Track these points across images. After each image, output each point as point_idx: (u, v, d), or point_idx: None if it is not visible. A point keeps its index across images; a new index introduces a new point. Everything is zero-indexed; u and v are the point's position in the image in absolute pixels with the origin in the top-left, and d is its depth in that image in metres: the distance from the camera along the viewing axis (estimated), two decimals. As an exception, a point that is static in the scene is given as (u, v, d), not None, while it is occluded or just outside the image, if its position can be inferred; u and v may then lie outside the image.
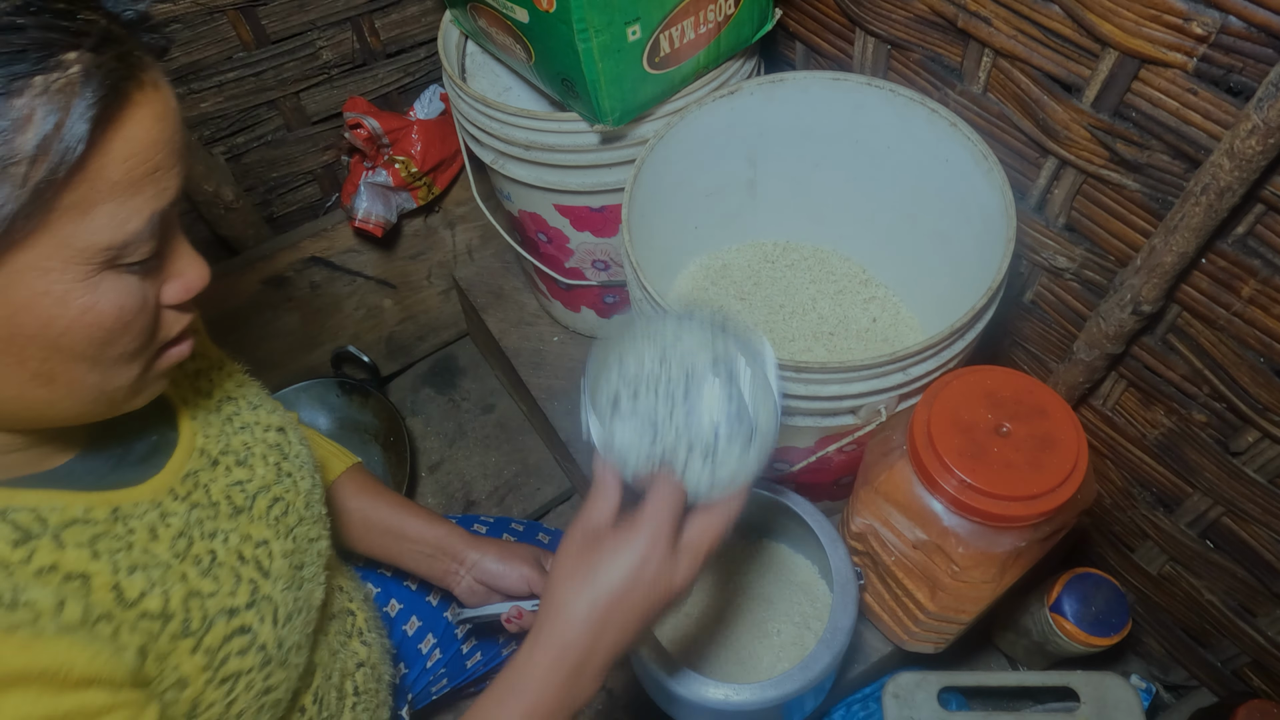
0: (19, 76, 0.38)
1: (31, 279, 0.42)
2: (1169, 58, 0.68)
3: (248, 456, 0.64)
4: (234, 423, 0.66)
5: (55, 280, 0.42)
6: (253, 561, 0.59)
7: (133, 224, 0.43)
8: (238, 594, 0.57)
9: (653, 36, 0.83)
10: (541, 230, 1.10)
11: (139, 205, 0.44)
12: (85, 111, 0.40)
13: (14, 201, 0.39)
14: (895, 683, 1.00)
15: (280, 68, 1.17)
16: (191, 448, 0.61)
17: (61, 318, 0.43)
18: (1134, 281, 0.80)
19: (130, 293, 0.46)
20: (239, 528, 0.60)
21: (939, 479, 0.73)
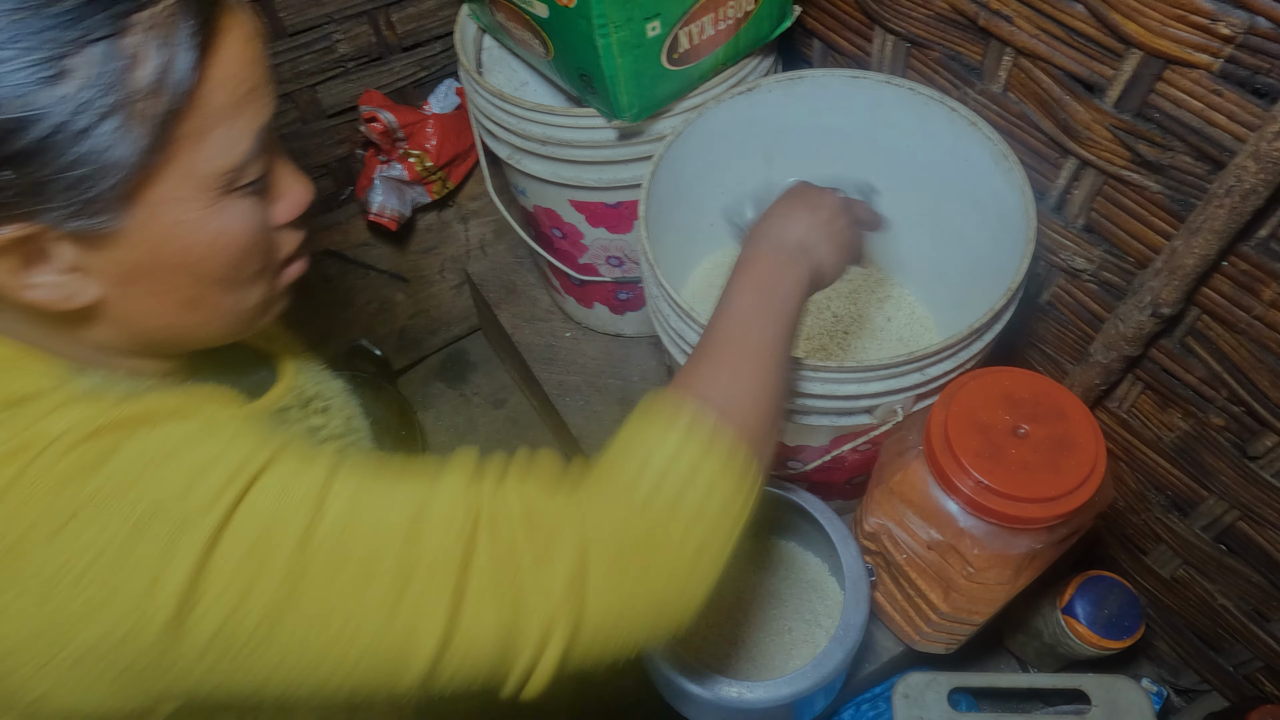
0: (123, 15, 0.40)
1: (167, 211, 0.45)
2: (1194, 58, 0.67)
3: (329, 405, 0.67)
4: (319, 375, 0.70)
5: (187, 209, 0.45)
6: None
7: (242, 144, 0.46)
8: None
9: (672, 32, 0.83)
10: (556, 226, 1.10)
11: (244, 125, 0.46)
12: (188, 41, 0.42)
13: (143, 138, 0.42)
14: (905, 683, 1.00)
15: (296, 60, 1.17)
16: (290, 385, 0.64)
17: (198, 244, 0.47)
18: (1154, 284, 0.79)
19: (252, 214, 0.49)
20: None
21: (955, 480, 0.73)
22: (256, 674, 0.44)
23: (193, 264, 0.47)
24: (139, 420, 0.45)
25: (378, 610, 0.45)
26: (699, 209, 1.03)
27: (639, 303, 1.23)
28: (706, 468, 0.52)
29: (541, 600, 0.47)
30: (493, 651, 0.47)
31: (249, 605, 0.43)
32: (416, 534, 0.46)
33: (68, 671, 0.42)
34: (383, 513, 0.47)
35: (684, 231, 1.02)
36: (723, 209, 0.79)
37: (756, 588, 0.99)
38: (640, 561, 0.50)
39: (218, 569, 0.42)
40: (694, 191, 0.99)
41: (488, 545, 0.47)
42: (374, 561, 0.45)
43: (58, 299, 0.45)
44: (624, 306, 1.24)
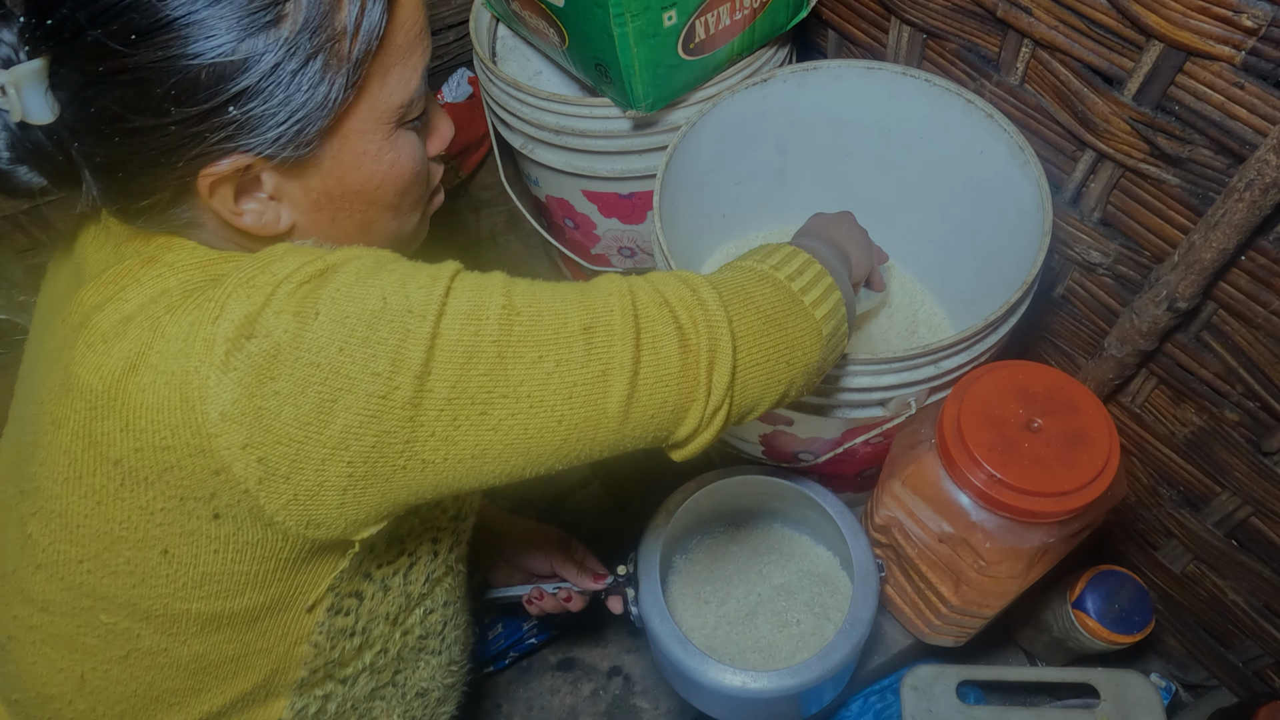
0: None
1: (354, 141, 0.51)
2: (1216, 50, 0.67)
3: None
4: None
5: (370, 140, 0.51)
6: None
7: (414, 81, 0.52)
8: None
9: (688, 22, 0.82)
10: (568, 216, 1.10)
11: (415, 64, 0.52)
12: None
13: (343, 75, 0.47)
14: (914, 675, 1.00)
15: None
16: None
17: (377, 172, 0.53)
18: (1170, 278, 0.79)
19: (416, 146, 0.55)
20: None
21: (968, 473, 0.73)
22: (484, 433, 0.48)
23: (371, 191, 0.53)
24: (355, 254, 0.50)
25: (578, 339, 0.49)
26: (712, 200, 1.03)
27: (650, 293, 1.23)
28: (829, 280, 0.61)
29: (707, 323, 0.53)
30: (676, 367, 0.52)
31: (477, 357, 0.47)
32: (589, 292, 0.52)
33: (319, 470, 0.46)
34: (555, 288, 0.53)
35: (697, 223, 1.02)
36: None
37: (766, 579, 0.99)
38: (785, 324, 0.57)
39: (448, 330, 0.47)
40: (707, 183, 0.99)
41: (648, 287, 0.53)
42: (564, 310, 0.50)
43: (260, 225, 0.51)
44: (635, 297, 1.24)
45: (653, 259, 1.14)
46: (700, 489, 0.93)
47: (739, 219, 1.08)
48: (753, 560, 1.01)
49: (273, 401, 0.45)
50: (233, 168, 0.48)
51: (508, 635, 1.03)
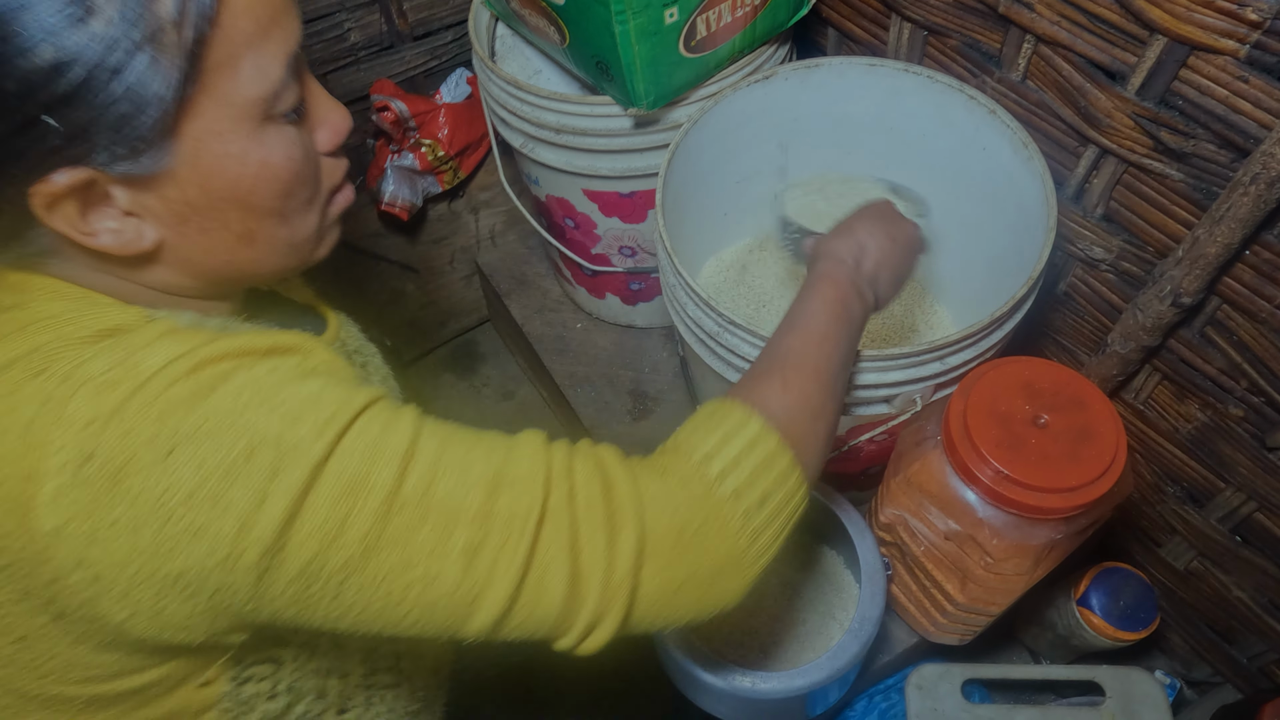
0: None
1: (211, 143, 0.45)
2: (1220, 44, 0.67)
3: (368, 362, 0.69)
4: (359, 334, 0.72)
5: (230, 141, 0.46)
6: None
7: (274, 69, 0.46)
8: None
9: (690, 19, 0.82)
10: (569, 216, 1.10)
11: (274, 51, 0.46)
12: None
13: (175, 69, 0.42)
14: (919, 674, 0.99)
15: (308, 49, 1.16)
16: (336, 336, 0.66)
17: (245, 175, 0.47)
18: (1174, 273, 0.79)
19: (293, 142, 0.50)
20: None
21: (975, 469, 0.73)
22: (334, 610, 0.46)
23: (243, 196, 0.48)
24: (239, 354, 0.46)
25: (458, 559, 0.46)
26: (714, 199, 1.02)
27: (651, 293, 1.22)
28: (771, 468, 0.54)
29: (607, 569, 0.49)
30: (556, 610, 0.48)
31: (339, 544, 0.44)
32: (497, 490, 0.47)
33: (158, 596, 0.43)
34: (466, 467, 0.48)
35: (698, 221, 1.02)
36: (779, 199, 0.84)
37: (772, 579, 0.99)
38: (701, 541, 0.51)
39: (314, 506, 0.43)
40: (709, 181, 0.98)
41: (563, 508, 0.49)
42: (457, 513, 0.46)
43: (120, 244, 0.46)
44: (636, 297, 1.23)
45: (653, 258, 1.14)
46: None
47: (740, 217, 1.08)
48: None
49: (108, 531, 0.42)
50: (67, 184, 0.43)
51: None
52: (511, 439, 0.51)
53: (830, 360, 0.60)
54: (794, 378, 0.58)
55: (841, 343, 0.61)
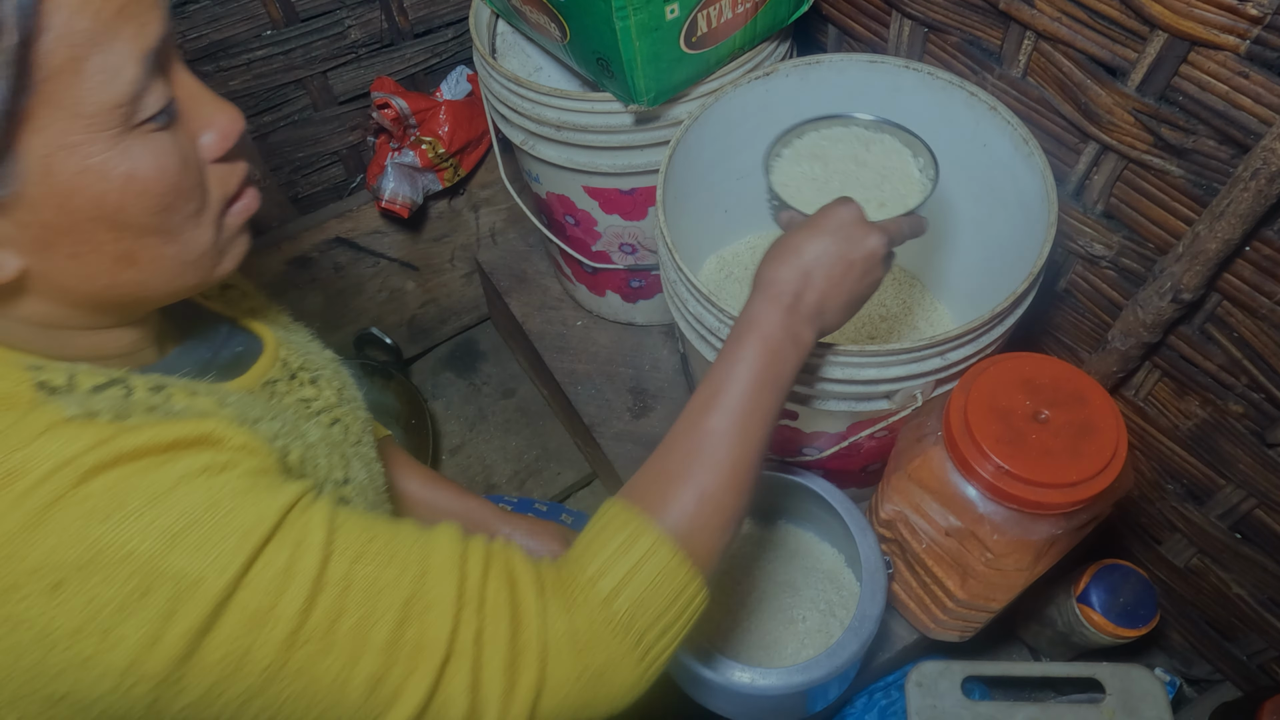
0: None
1: (64, 158, 0.41)
2: (1221, 40, 0.67)
3: (318, 376, 0.65)
4: (305, 347, 0.67)
5: (86, 154, 0.41)
6: (338, 451, 0.61)
7: (127, 70, 0.41)
8: (334, 470, 0.59)
9: (691, 15, 0.82)
10: (569, 213, 1.10)
11: (125, 49, 0.41)
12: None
13: (4, 79, 0.37)
14: (919, 671, 0.99)
15: (309, 46, 1.17)
16: (275, 357, 0.62)
17: (109, 191, 0.42)
18: (1175, 269, 0.79)
19: (165, 151, 0.44)
20: (315, 429, 0.61)
21: (975, 465, 0.73)
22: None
23: (111, 215, 0.43)
24: (136, 455, 0.42)
25: (362, 686, 0.45)
26: (714, 196, 1.02)
27: (651, 291, 1.22)
28: (658, 587, 0.53)
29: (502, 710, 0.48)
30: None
31: (239, 675, 0.42)
32: (405, 620, 0.46)
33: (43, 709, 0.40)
34: (377, 592, 0.46)
35: (698, 218, 1.02)
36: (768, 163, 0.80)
37: (771, 575, 0.99)
38: (596, 666, 0.51)
39: (213, 643, 0.41)
40: (709, 178, 0.98)
41: (469, 648, 0.48)
42: (364, 640, 0.45)
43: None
44: (636, 295, 1.23)
45: (654, 255, 1.14)
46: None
47: (740, 214, 1.08)
48: (757, 556, 1.00)
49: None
50: None
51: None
52: (426, 547, 0.49)
53: (751, 444, 0.57)
54: (706, 479, 0.55)
55: (769, 411, 0.58)
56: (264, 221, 1.29)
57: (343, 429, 0.65)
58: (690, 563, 0.54)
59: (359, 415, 0.69)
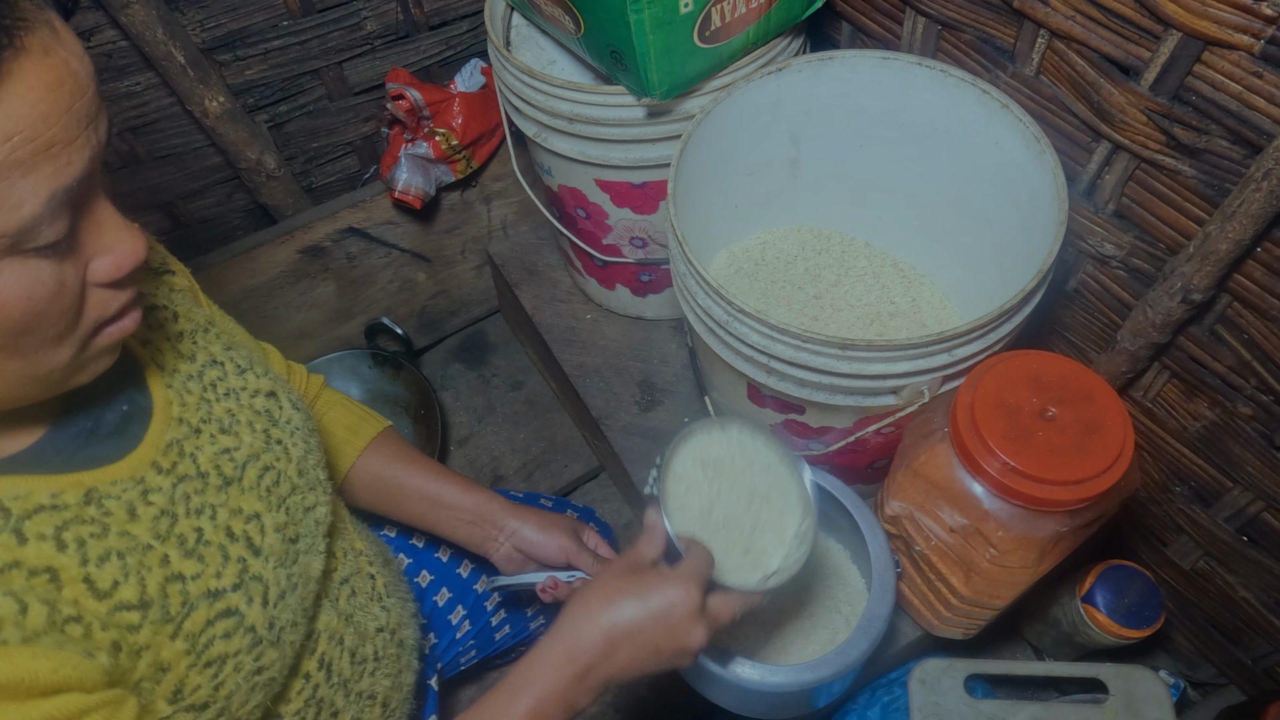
0: None
1: None
2: (1235, 39, 0.67)
3: (232, 424, 0.61)
4: (218, 389, 0.62)
5: None
6: (243, 539, 0.57)
7: (27, 208, 0.38)
8: (224, 575, 0.55)
9: (704, 10, 0.83)
10: (580, 206, 1.10)
11: (33, 186, 0.38)
12: None
13: None
14: (922, 669, 1.00)
15: (325, 37, 1.17)
16: (168, 416, 0.57)
17: None
18: (1185, 269, 0.79)
19: (39, 279, 0.41)
20: (229, 500, 0.57)
21: (982, 461, 0.73)
22: None
23: None
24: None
25: None
26: (724, 190, 1.03)
27: (661, 285, 1.23)
28: None
29: None
30: None
31: None
32: None
33: None
34: None
35: (709, 213, 1.02)
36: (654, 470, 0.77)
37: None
38: None
39: None
40: (720, 172, 0.99)
41: None
42: None
43: None
44: (646, 289, 1.24)
45: (664, 249, 1.14)
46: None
47: (750, 210, 1.08)
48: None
49: None
50: None
51: (514, 633, 1.02)
52: None
53: None
54: None
55: None
56: (278, 210, 1.30)
57: (273, 478, 0.62)
58: None
59: (293, 454, 0.64)
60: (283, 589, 0.59)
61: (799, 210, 1.11)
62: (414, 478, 0.84)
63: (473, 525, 0.84)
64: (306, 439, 0.68)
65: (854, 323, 1.04)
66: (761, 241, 1.13)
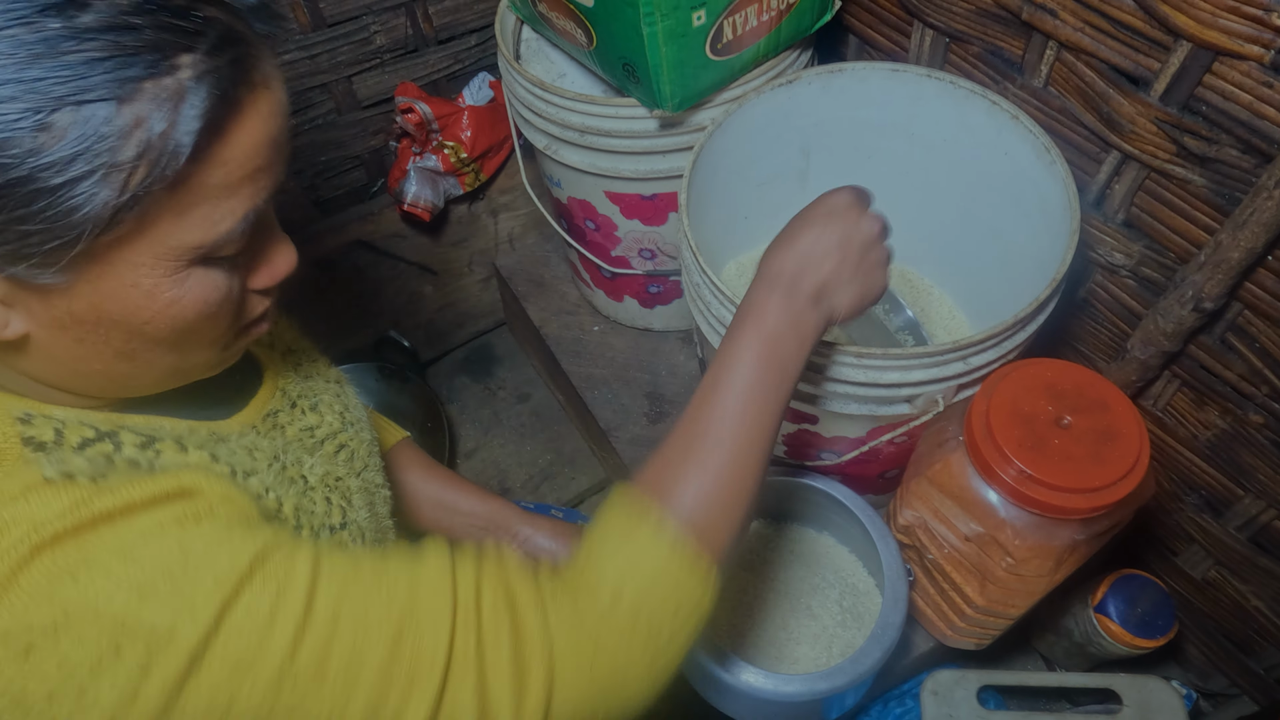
0: (130, 81, 0.37)
1: (122, 271, 0.41)
2: (1245, 50, 0.67)
3: (317, 403, 0.65)
4: (300, 370, 0.67)
5: (145, 274, 0.42)
6: (338, 489, 0.61)
7: (225, 224, 0.43)
8: (332, 514, 0.58)
9: (716, 22, 0.83)
10: (590, 218, 1.11)
11: (235, 205, 0.43)
12: (192, 122, 0.39)
13: (112, 205, 0.38)
14: (934, 680, 0.99)
15: (334, 51, 1.18)
16: (275, 387, 0.62)
17: (147, 308, 0.43)
18: (1196, 278, 0.79)
19: (217, 285, 0.46)
20: (317, 468, 0.61)
21: (998, 469, 0.73)
22: None
23: (136, 325, 0.44)
24: (110, 515, 0.41)
25: (359, 716, 0.44)
26: (734, 202, 1.03)
27: (669, 296, 1.23)
28: (667, 579, 0.51)
29: (519, 704, 0.47)
30: None
31: (231, 715, 0.41)
32: (400, 637, 0.45)
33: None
34: (366, 614, 0.45)
35: (719, 223, 1.03)
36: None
37: (789, 579, 0.99)
38: (606, 667, 0.50)
39: (198, 688, 0.40)
40: (731, 184, 0.99)
41: (470, 653, 0.47)
42: (358, 668, 0.44)
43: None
44: (654, 300, 1.24)
45: (673, 260, 1.14)
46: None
47: (760, 221, 1.09)
48: (774, 560, 1.01)
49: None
50: None
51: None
52: (414, 571, 0.48)
53: (757, 427, 0.56)
54: (713, 461, 0.54)
55: (774, 395, 0.56)
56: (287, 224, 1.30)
57: (348, 455, 0.65)
58: (699, 550, 0.52)
59: (363, 438, 0.69)
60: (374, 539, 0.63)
61: (807, 221, 1.11)
62: (430, 485, 0.86)
63: (485, 531, 0.85)
64: (370, 429, 0.71)
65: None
66: (770, 253, 1.13)
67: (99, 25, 0.36)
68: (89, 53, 0.36)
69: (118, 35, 0.37)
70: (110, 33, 0.36)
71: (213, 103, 0.39)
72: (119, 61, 0.37)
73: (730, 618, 0.96)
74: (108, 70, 0.36)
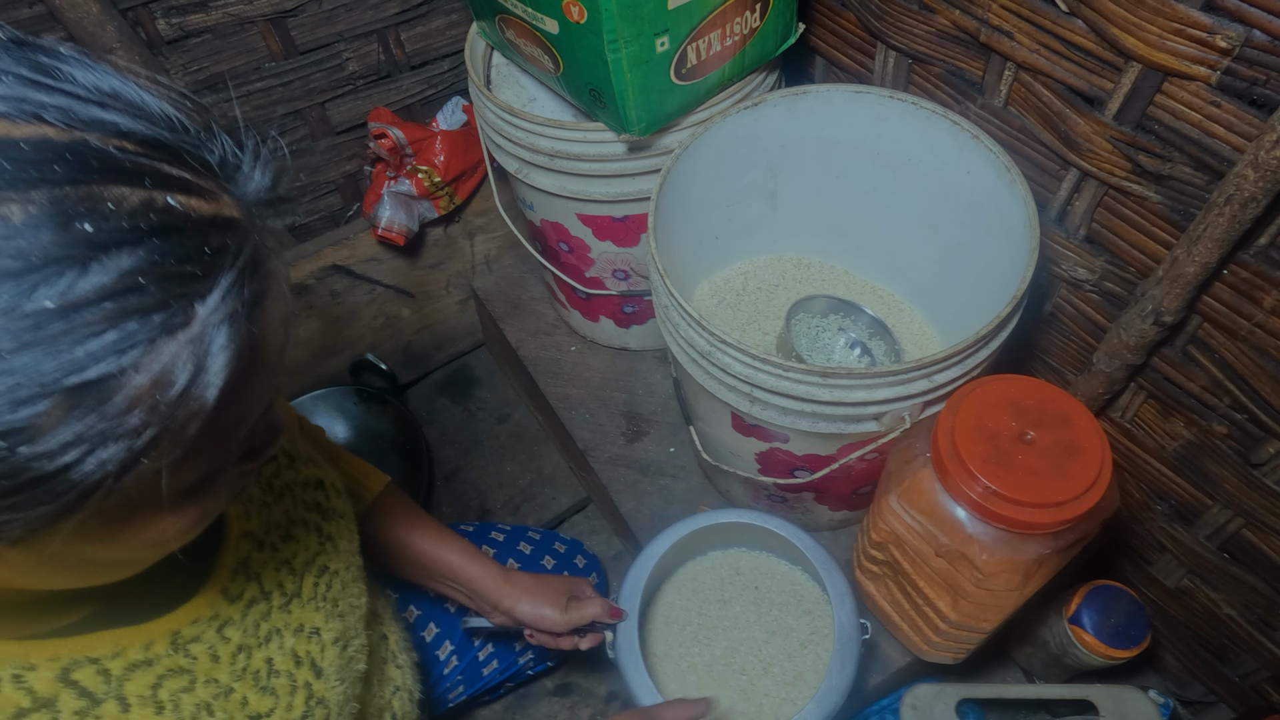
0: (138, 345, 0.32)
1: (114, 516, 0.37)
2: (1192, 71, 0.69)
3: (290, 527, 0.60)
4: (274, 487, 0.61)
5: (140, 514, 0.38)
6: (307, 662, 0.57)
7: (224, 457, 0.40)
8: (294, 706, 0.55)
9: (681, 48, 0.84)
10: (563, 240, 1.12)
11: (237, 436, 0.40)
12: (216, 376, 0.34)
13: (106, 471, 0.33)
14: (913, 694, 0.99)
15: (307, 78, 1.19)
16: (238, 532, 0.56)
17: (136, 540, 0.39)
18: (1155, 292, 0.81)
19: (201, 512, 0.42)
20: (292, 619, 0.57)
21: (963, 485, 0.74)
22: None
23: (114, 559, 0.40)
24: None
25: None
26: (704, 222, 1.04)
27: (644, 316, 1.24)
28: None
29: None
30: None
31: None
32: None
33: None
34: None
35: (690, 244, 1.03)
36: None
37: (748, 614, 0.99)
38: None
39: None
40: (700, 205, 1.00)
41: None
42: None
43: None
44: (629, 320, 1.25)
45: (646, 281, 1.15)
46: (689, 530, 0.94)
47: (731, 241, 1.10)
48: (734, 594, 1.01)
49: None
50: None
51: (502, 668, 1.01)
52: None
53: None
54: None
55: None
56: (261, 249, 1.30)
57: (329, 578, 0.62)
58: None
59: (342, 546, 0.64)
60: (340, 702, 0.59)
61: (779, 240, 1.12)
62: (415, 538, 0.85)
63: (468, 598, 0.86)
64: (350, 525, 0.67)
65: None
66: (743, 271, 1.14)
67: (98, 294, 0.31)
68: (89, 326, 0.31)
69: (120, 301, 0.31)
70: (111, 299, 0.31)
71: (234, 350, 0.35)
72: (121, 331, 0.32)
73: (688, 655, 0.96)
74: (112, 341, 0.31)
